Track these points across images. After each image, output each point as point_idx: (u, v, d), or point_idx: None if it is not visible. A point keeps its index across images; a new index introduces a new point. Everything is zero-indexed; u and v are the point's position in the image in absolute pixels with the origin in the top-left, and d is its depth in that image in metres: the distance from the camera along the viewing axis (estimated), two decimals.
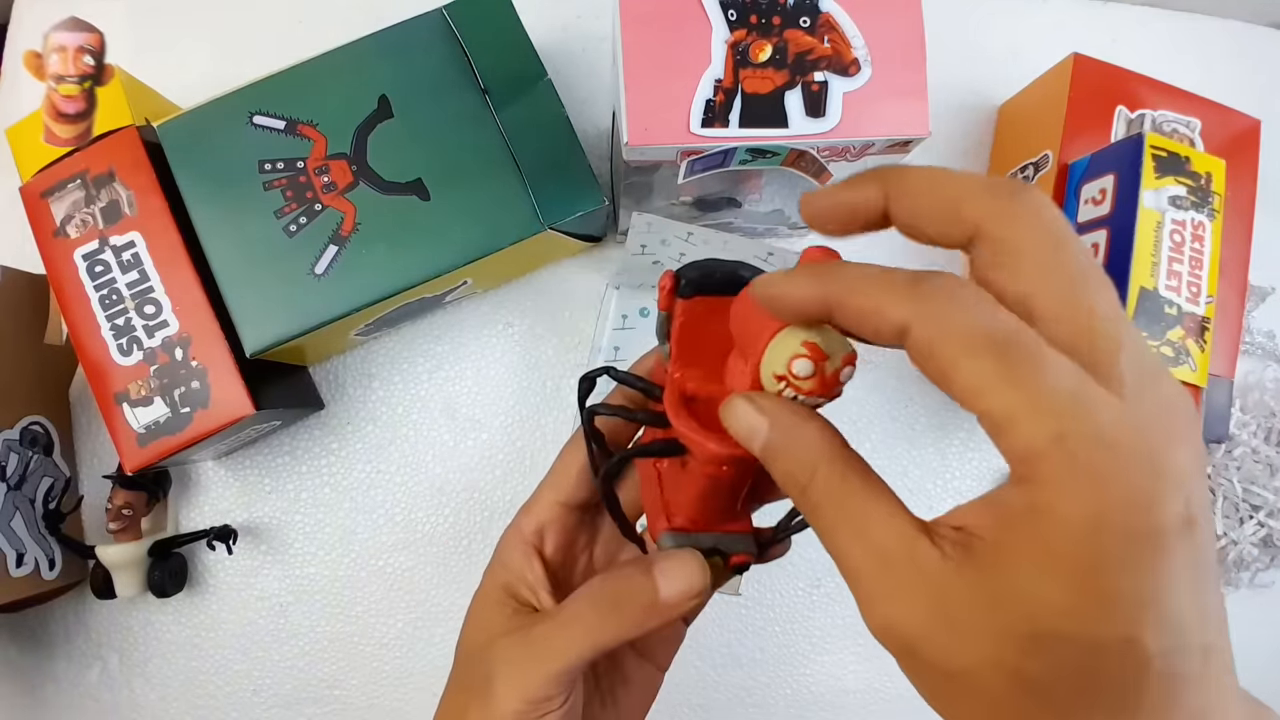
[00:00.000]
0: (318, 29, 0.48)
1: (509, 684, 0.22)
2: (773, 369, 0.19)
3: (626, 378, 0.23)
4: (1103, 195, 0.42)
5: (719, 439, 0.20)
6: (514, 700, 0.22)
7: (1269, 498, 0.47)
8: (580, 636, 0.22)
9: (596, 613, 0.22)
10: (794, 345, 0.18)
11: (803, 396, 0.19)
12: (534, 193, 0.38)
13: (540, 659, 0.22)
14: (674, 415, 0.21)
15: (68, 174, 0.37)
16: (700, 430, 0.21)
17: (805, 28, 0.32)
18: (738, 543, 0.23)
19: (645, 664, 0.27)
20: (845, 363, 0.19)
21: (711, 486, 0.22)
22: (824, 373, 0.18)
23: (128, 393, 0.36)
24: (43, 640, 0.44)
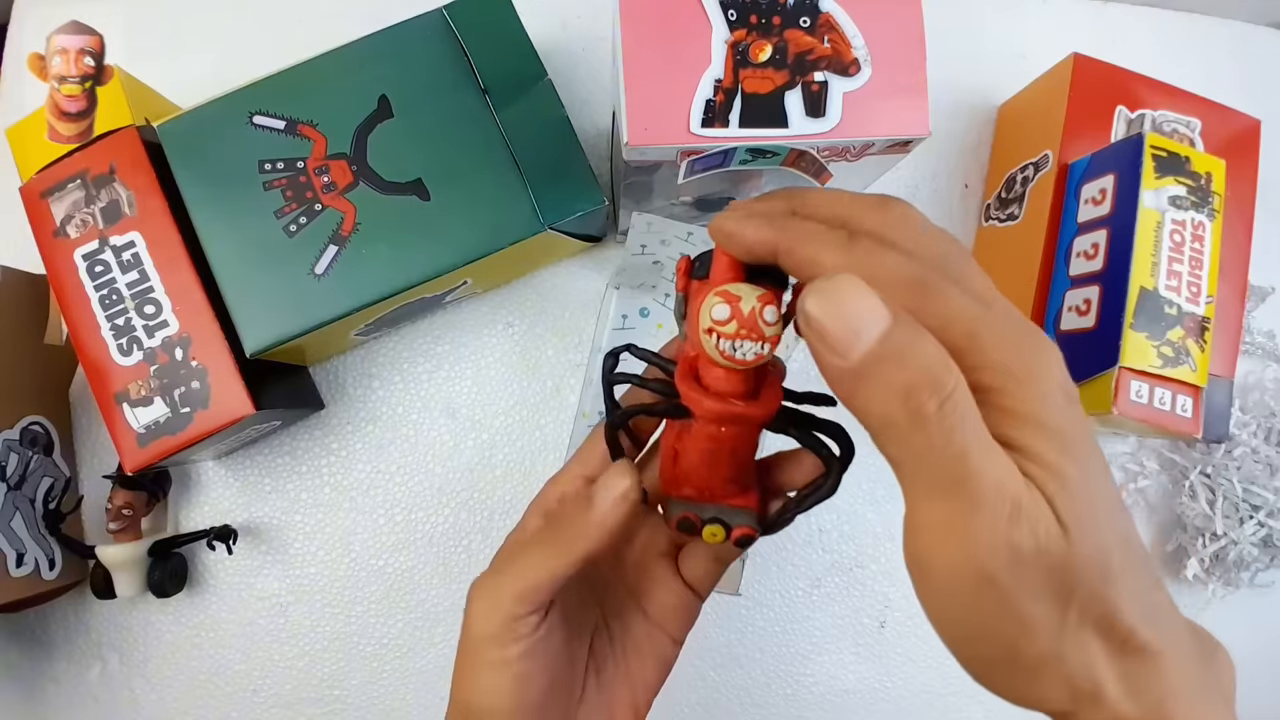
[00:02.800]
0: (318, 29, 0.48)
1: (481, 609, 0.24)
2: (703, 325, 0.21)
3: (645, 354, 0.25)
4: (1103, 195, 0.42)
5: (717, 397, 0.22)
6: (488, 622, 0.23)
7: (1269, 498, 0.47)
8: (537, 558, 0.23)
9: (550, 535, 0.24)
10: (711, 299, 0.20)
11: (736, 342, 0.20)
12: (534, 193, 0.38)
13: (504, 584, 0.24)
14: (680, 379, 0.23)
15: (68, 174, 0.37)
16: (700, 389, 0.22)
17: (805, 28, 0.32)
18: (740, 516, 0.24)
19: (657, 632, 0.27)
20: (761, 302, 0.20)
21: (713, 450, 0.23)
22: (740, 313, 0.20)
23: (128, 393, 0.36)
24: (43, 640, 0.44)
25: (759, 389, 0.22)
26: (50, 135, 0.35)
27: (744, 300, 0.20)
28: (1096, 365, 0.40)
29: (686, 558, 0.27)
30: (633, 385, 0.25)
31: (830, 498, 0.23)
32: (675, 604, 0.27)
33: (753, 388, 0.22)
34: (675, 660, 0.28)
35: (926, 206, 0.51)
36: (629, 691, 0.27)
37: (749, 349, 0.20)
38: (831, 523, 0.48)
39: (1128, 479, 0.51)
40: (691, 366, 0.23)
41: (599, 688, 0.26)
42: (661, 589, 0.27)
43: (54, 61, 0.35)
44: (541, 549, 0.24)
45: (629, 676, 0.27)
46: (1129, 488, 0.51)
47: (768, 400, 0.22)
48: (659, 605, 0.27)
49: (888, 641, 0.48)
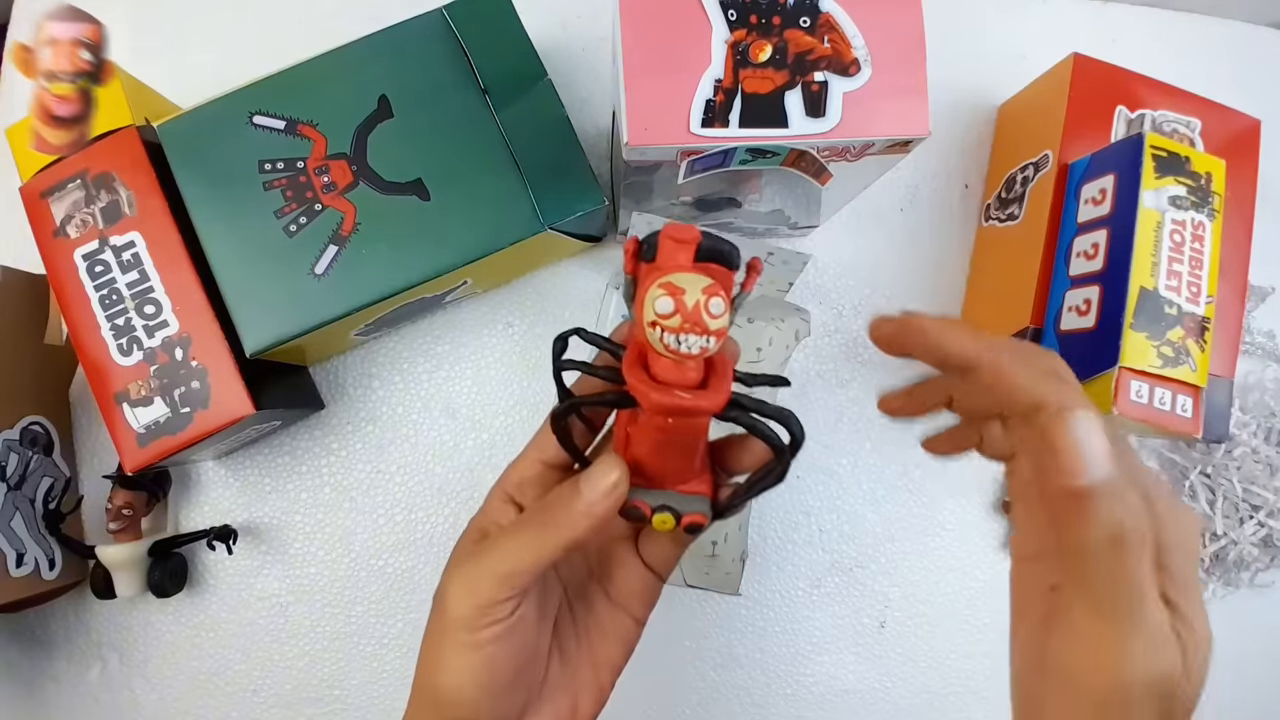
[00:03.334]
0: (318, 29, 0.48)
1: (459, 593, 0.24)
2: (647, 318, 0.20)
3: (595, 338, 0.24)
4: (1103, 195, 0.42)
5: (663, 390, 0.21)
6: (464, 605, 0.23)
7: (1269, 498, 0.47)
8: (521, 544, 0.24)
9: (534, 521, 0.24)
10: (654, 291, 0.20)
11: (680, 336, 0.20)
12: (534, 193, 0.38)
13: (485, 568, 0.24)
14: (627, 368, 0.22)
15: (68, 174, 0.37)
16: (646, 381, 0.22)
17: (805, 28, 0.32)
18: (692, 503, 0.24)
19: (620, 613, 0.28)
20: (706, 294, 0.20)
21: (660, 440, 0.23)
22: (684, 306, 0.20)
23: (128, 393, 0.36)
24: (43, 640, 0.44)
25: (708, 378, 0.22)
26: (36, 144, 0.31)
27: (688, 293, 0.20)
28: (1096, 365, 0.40)
29: (646, 541, 0.28)
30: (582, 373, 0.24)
31: (780, 483, 0.24)
32: (637, 586, 0.28)
33: (701, 377, 0.22)
34: (638, 640, 0.28)
35: (926, 206, 0.51)
36: (592, 671, 0.27)
37: (693, 343, 0.20)
38: (831, 523, 0.48)
39: None
40: (640, 353, 0.22)
41: (563, 667, 0.27)
42: (623, 571, 0.28)
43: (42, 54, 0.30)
44: (525, 535, 0.24)
45: (592, 656, 0.27)
46: None
47: (715, 391, 0.22)
48: (621, 587, 0.28)
49: (888, 641, 0.48)
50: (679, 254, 0.21)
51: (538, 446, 0.27)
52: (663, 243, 0.22)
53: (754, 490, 0.24)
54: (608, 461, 0.24)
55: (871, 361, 0.50)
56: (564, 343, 0.24)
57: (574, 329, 0.24)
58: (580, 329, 0.24)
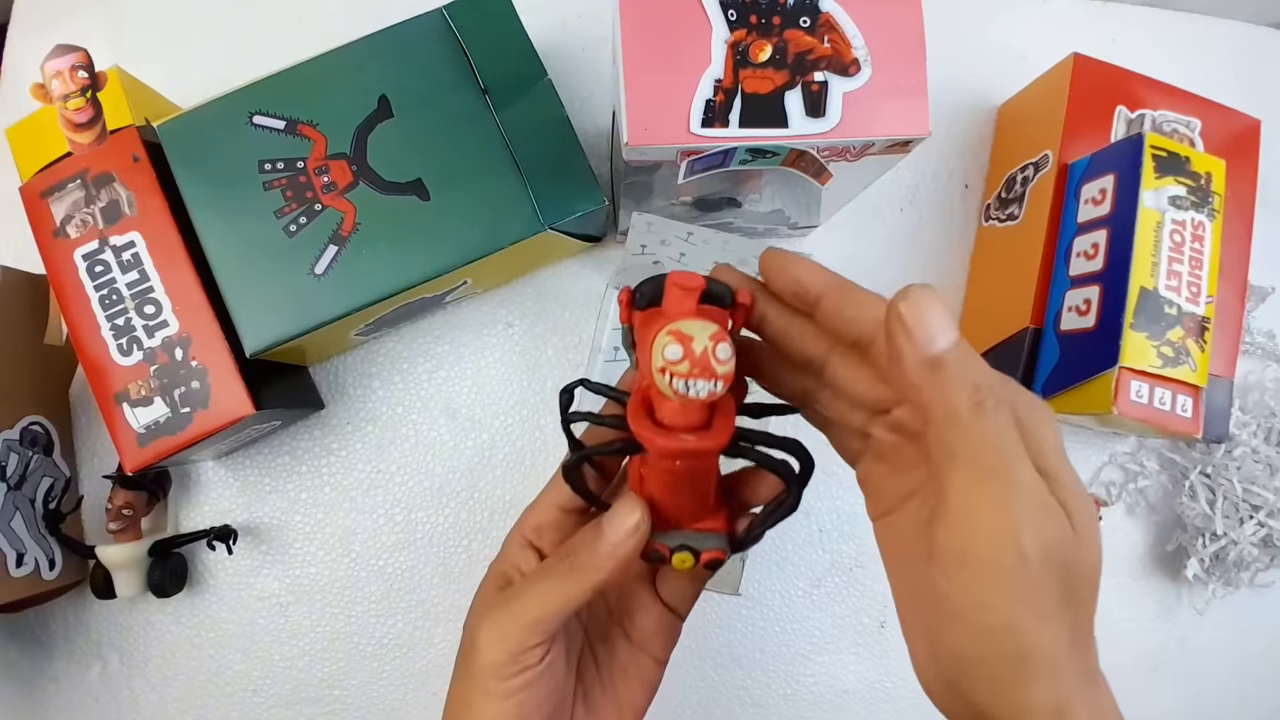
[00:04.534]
0: (318, 29, 0.48)
1: (490, 639, 0.24)
2: (656, 365, 0.21)
3: (600, 388, 0.25)
4: (1103, 195, 0.42)
5: (667, 434, 0.22)
6: (495, 652, 0.24)
7: (1269, 498, 0.47)
8: (548, 590, 0.24)
9: (560, 567, 0.24)
10: (662, 338, 0.21)
11: (689, 381, 0.20)
12: (534, 193, 0.38)
13: (515, 614, 0.24)
14: (632, 416, 0.23)
15: (68, 174, 0.37)
16: (651, 427, 0.22)
17: (805, 28, 0.32)
18: (709, 540, 0.24)
19: (641, 655, 0.27)
20: (714, 340, 0.20)
21: (671, 482, 0.23)
22: (693, 353, 0.20)
23: (128, 393, 0.36)
24: (43, 640, 0.44)
25: (712, 419, 0.23)
26: (73, 149, 0.38)
27: (696, 339, 0.20)
28: (1096, 365, 0.40)
29: (664, 580, 0.28)
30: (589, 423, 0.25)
31: (793, 514, 0.24)
32: (656, 626, 0.28)
33: (706, 419, 0.22)
34: (660, 682, 0.28)
35: (926, 206, 0.51)
36: (617, 714, 0.27)
37: (702, 388, 0.20)
38: (831, 523, 0.48)
39: (1128, 479, 0.51)
40: (644, 399, 0.23)
41: (587, 713, 0.27)
42: (642, 612, 0.28)
43: (53, 85, 0.37)
44: (552, 581, 0.24)
45: (616, 701, 0.27)
46: (1129, 488, 0.51)
47: (720, 430, 0.22)
48: (641, 628, 0.28)
49: (888, 641, 0.48)
50: (685, 300, 0.22)
51: (553, 491, 0.27)
52: (669, 290, 0.23)
53: (769, 521, 0.24)
54: (627, 503, 0.24)
55: None
56: (570, 395, 0.25)
57: (579, 380, 0.25)
58: (585, 380, 0.26)
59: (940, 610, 0.20)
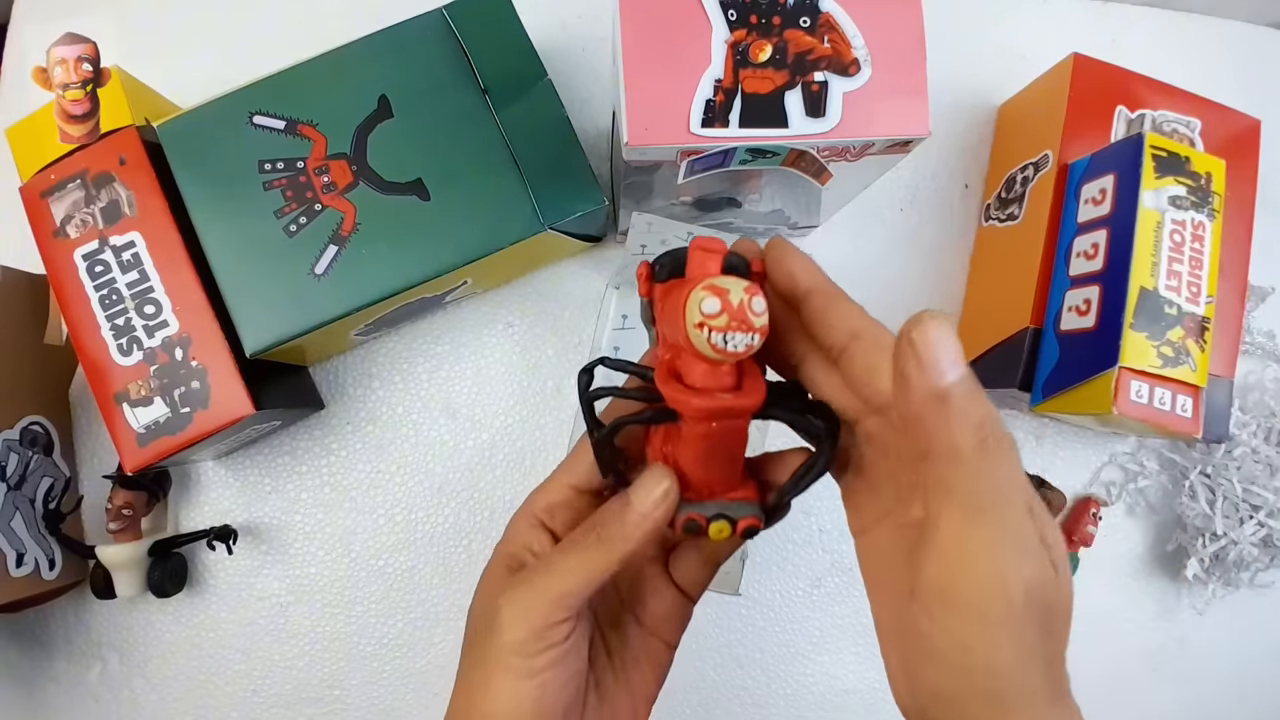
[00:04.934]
0: (318, 29, 0.48)
1: (514, 616, 0.23)
2: (693, 320, 0.21)
3: (620, 363, 0.24)
4: (1103, 195, 0.42)
5: (704, 394, 0.22)
6: (520, 629, 0.23)
7: (1269, 498, 0.47)
8: (575, 563, 0.23)
9: (585, 539, 0.23)
10: (698, 293, 0.21)
11: (728, 335, 0.20)
12: (534, 193, 0.38)
13: (540, 589, 0.23)
14: (662, 383, 0.23)
15: (68, 174, 0.37)
16: (686, 389, 0.22)
17: (805, 28, 0.32)
18: (743, 508, 0.24)
19: (652, 639, 0.27)
20: (749, 293, 0.21)
21: (706, 448, 0.23)
22: (730, 305, 0.20)
23: (128, 393, 0.36)
24: (43, 640, 0.44)
25: (741, 380, 0.23)
26: (62, 138, 0.38)
27: (732, 292, 0.20)
28: (1096, 365, 0.40)
29: (678, 561, 0.27)
30: (614, 399, 0.24)
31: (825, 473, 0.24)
32: (668, 610, 0.27)
33: (735, 381, 0.22)
34: (670, 666, 0.27)
35: (926, 206, 0.51)
36: (630, 702, 0.26)
37: (740, 340, 0.20)
38: (831, 522, 0.48)
39: (1128, 479, 0.51)
40: (670, 368, 0.23)
41: (600, 701, 0.26)
42: (654, 596, 0.27)
43: (55, 71, 0.37)
44: (578, 554, 0.23)
45: (629, 687, 0.27)
46: (1129, 488, 0.51)
47: (752, 389, 0.22)
48: (652, 612, 0.27)
49: None
50: (709, 264, 0.22)
51: (567, 470, 0.26)
52: (693, 254, 0.23)
53: (802, 483, 0.24)
54: (656, 471, 0.23)
55: None
56: (590, 374, 0.25)
57: (599, 359, 0.25)
58: (605, 358, 0.25)
59: (919, 647, 0.20)
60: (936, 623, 0.19)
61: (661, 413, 0.23)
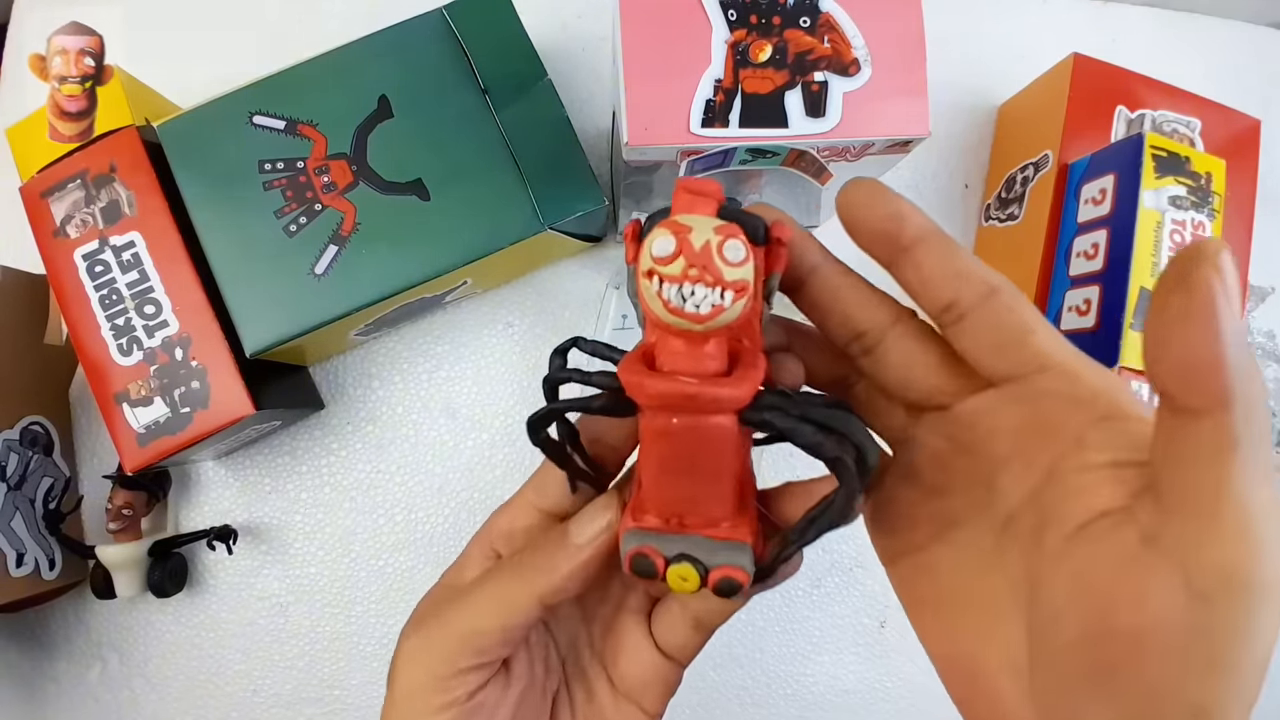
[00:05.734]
0: (318, 29, 0.48)
1: (411, 655, 0.20)
2: (643, 268, 0.16)
3: (597, 346, 0.20)
4: (1103, 195, 0.42)
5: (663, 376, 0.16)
6: (415, 673, 0.19)
7: None
8: (491, 599, 0.19)
9: (506, 569, 0.20)
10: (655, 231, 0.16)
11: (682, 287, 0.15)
12: (534, 193, 0.38)
13: (447, 625, 0.19)
14: (623, 365, 0.17)
15: (68, 174, 0.37)
16: (644, 371, 0.17)
17: (805, 28, 0.32)
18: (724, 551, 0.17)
19: (627, 707, 0.22)
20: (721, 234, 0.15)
21: (666, 453, 0.17)
22: (689, 246, 0.15)
23: (128, 393, 0.36)
24: (43, 640, 0.44)
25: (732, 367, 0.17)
26: (51, 135, 0.36)
27: (695, 231, 0.15)
28: None
29: (660, 617, 0.22)
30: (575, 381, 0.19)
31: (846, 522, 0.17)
32: (649, 675, 0.22)
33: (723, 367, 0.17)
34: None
35: (927, 206, 0.51)
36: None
37: (702, 297, 0.15)
38: None
39: None
40: (645, 353, 0.18)
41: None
42: (631, 656, 0.22)
43: (54, 62, 0.35)
44: (496, 587, 0.19)
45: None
46: None
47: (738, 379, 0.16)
48: (629, 675, 0.22)
49: (888, 641, 0.48)
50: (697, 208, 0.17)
51: (535, 488, 0.22)
52: (678, 196, 0.17)
53: (813, 530, 0.18)
54: (604, 499, 0.20)
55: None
56: (564, 356, 0.20)
57: (573, 339, 0.20)
58: (580, 338, 0.20)
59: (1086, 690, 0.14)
60: (1146, 671, 0.13)
61: (617, 402, 0.18)
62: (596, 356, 0.20)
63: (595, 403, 0.18)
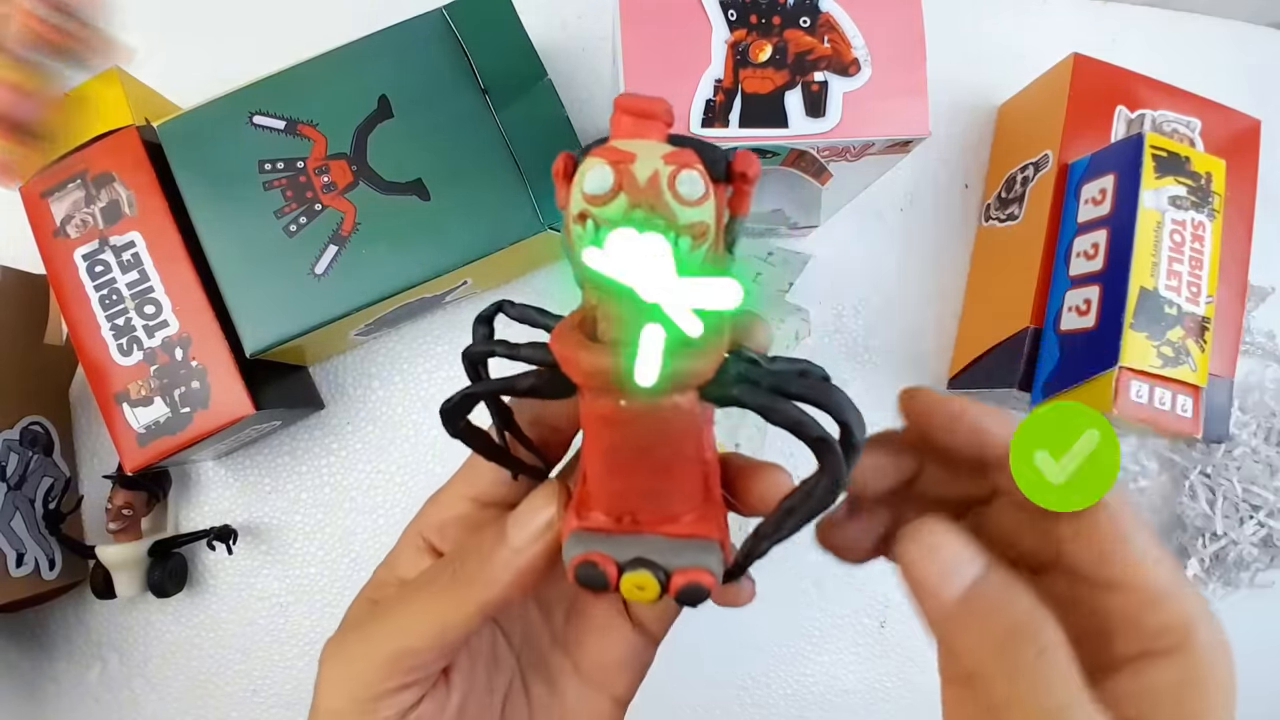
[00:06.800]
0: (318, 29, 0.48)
1: (332, 676, 0.18)
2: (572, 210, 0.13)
3: (526, 312, 0.17)
4: (1103, 195, 0.42)
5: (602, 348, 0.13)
6: (337, 696, 0.17)
7: (1269, 498, 0.47)
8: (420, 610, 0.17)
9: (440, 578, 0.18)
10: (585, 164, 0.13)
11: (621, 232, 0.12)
12: (534, 193, 0.38)
13: (371, 642, 0.17)
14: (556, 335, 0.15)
15: (68, 174, 0.37)
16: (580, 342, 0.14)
17: (805, 28, 0.32)
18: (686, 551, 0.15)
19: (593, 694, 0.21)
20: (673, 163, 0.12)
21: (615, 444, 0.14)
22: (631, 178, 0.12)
23: (128, 393, 0.36)
24: (43, 640, 0.44)
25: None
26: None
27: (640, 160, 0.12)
28: (1096, 365, 0.40)
29: None
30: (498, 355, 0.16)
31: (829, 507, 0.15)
32: (619, 655, 0.20)
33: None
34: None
35: (927, 206, 0.51)
36: None
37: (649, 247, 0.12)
38: None
39: (1128, 479, 0.51)
40: (584, 321, 0.15)
41: None
42: (598, 637, 0.20)
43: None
44: (427, 596, 0.18)
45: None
46: (1129, 488, 0.51)
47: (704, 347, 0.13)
48: (595, 658, 0.20)
49: (888, 641, 0.48)
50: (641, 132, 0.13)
51: (465, 478, 0.20)
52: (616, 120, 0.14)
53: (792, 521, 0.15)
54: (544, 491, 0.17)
55: (872, 361, 0.50)
56: (488, 325, 0.17)
57: (499, 301, 0.17)
58: (506, 301, 0.17)
59: None
60: None
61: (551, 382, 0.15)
62: (525, 323, 0.17)
63: (523, 383, 0.16)
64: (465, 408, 0.16)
